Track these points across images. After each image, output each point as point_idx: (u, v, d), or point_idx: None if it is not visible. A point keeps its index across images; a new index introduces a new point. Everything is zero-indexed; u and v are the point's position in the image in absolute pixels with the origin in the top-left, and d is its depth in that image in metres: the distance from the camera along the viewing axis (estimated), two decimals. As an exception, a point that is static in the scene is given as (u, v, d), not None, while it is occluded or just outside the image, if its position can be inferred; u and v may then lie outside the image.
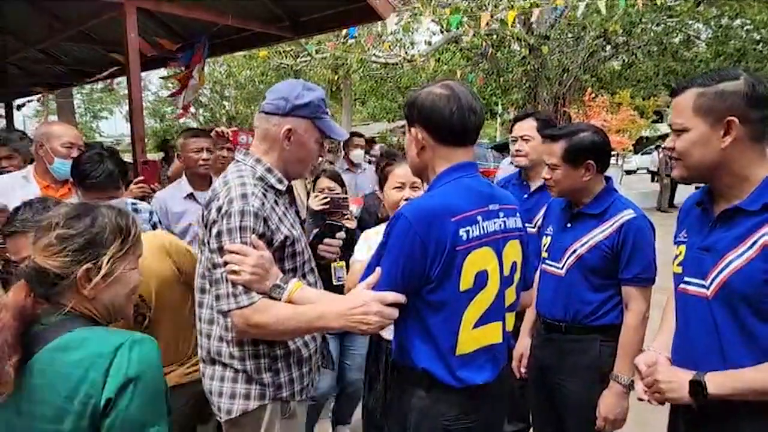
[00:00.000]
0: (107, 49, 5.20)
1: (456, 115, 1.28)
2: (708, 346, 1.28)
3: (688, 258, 1.36)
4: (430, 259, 1.23)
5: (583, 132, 1.84)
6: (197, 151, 2.66)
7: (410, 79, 15.24)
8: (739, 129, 1.21)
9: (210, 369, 1.51)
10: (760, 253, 1.18)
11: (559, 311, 1.88)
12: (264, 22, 4.43)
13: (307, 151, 1.52)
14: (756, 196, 1.22)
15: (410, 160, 1.41)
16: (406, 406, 1.35)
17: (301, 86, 1.51)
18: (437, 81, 1.36)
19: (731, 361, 1.23)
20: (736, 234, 1.23)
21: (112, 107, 30.40)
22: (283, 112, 1.47)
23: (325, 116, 1.52)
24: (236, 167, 1.51)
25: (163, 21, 4.62)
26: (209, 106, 24.62)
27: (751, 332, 1.21)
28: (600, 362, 1.82)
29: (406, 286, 1.25)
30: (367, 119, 24.05)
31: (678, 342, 1.40)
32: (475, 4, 10.01)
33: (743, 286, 1.20)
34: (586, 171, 1.82)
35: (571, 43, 11.74)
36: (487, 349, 1.34)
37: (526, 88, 11.75)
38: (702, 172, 1.28)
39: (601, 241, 1.80)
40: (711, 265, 1.26)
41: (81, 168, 2.11)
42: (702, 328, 1.29)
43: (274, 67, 15.22)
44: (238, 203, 1.38)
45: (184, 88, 4.89)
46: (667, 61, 12.11)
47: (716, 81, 1.23)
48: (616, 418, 1.76)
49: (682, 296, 1.37)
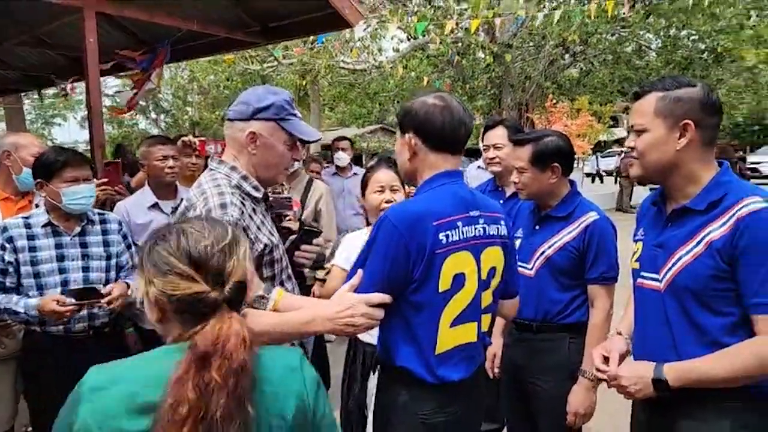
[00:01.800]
0: (62, 53, 5.02)
1: (447, 126, 1.35)
2: (662, 338, 1.36)
3: (644, 254, 1.44)
4: (413, 261, 1.27)
5: (548, 137, 1.92)
6: (162, 159, 2.57)
7: (378, 85, 15.34)
8: (694, 132, 1.29)
9: None
10: (706, 250, 1.26)
11: (529, 311, 1.94)
12: (231, 27, 4.38)
13: (276, 154, 1.49)
14: (702, 196, 1.31)
15: (401, 165, 1.46)
16: (388, 404, 1.39)
17: (263, 90, 1.51)
18: (430, 92, 1.42)
19: (682, 351, 1.31)
20: (685, 232, 1.32)
21: (66, 113, 29.16)
22: (246, 116, 1.46)
23: (291, 118, 1.49)
24: (211, 176, 1.48)
25: (124, 26, 4.50)
26: (171, 112, 24.00)
27: (698, 323, 1.29)
28: (569, 360, 1.89)
29: (391, 288, 1.28)
30: (336, 125, 24.02)
31: (636, 333, 1.48)
32: (441, 13, 10.20)
33: (690, 281, 1.28)
34: (552, 173, 1.90)
35: (533, 51, 12.12)
36: (463, 347, 1.38)
37: (491, 95, 12.04)
38: (657, 171, 1.36)
39: (568, 242, 1.87)
40: (663, 261, 1.35)
41: (45, 158, 2.05)
42: (656, 320, 1.38)
43: (240, 73, 15.02)
44: (217, 212, 1.36)
45: (138, 90, 4.74)
46: (622, 69, 12.67)
47: (676, 87, 1.31)
48: (585, 412, 1.83)
49: (640, 290, 1.45)
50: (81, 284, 2.07)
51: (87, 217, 2.15)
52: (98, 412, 0.85)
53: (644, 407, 1.46)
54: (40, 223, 2.06)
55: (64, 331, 2.06)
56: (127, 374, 0.89)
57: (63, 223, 2.09)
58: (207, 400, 0.84)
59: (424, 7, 10.98)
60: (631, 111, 1.41)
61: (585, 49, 12.03)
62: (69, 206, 2.05)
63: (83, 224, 2.13)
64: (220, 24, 4.28)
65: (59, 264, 2.05)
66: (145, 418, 0.84)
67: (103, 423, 0.84)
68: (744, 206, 1.24)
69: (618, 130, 23.86)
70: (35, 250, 2.03)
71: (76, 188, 2.05)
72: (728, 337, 1.26)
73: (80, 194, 2.06)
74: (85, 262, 2.10)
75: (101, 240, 2.17)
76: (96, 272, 2.12)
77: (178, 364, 0.86)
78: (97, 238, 2.16)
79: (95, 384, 0.87)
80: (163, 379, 0.86)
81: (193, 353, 0.87)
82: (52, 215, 2.08)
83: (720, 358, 1.24)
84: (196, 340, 0.88)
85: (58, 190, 2.02)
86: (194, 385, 0.84)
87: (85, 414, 0.85)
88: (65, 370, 2.01)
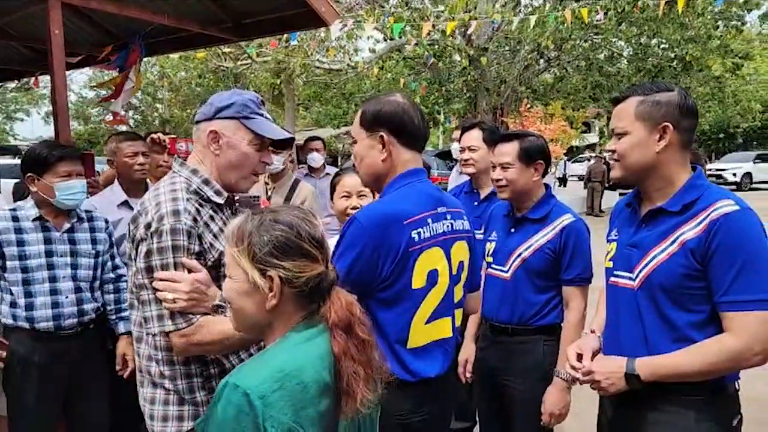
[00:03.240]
0: (27, 46, 4.82)
1: (419, 123, 1.42)
2: (634, 333, 1.41)
3: (618, 254, 1.49)
4: (382, 261, 1.29)
5: (532, 135, 1.97)
6: (132, 155, 2.51)
7: (354, 86, 15.30)
8: (673, 135, 1.35)
9: (141, 390, 1.43)
10: (679, 249, 1.32)
11: (505, 314, 1.95)
12: (204, 23, 4.28)
13: (240, 154, 1.42)
14: (677, 198, 1.36)
15: (369, 166, 1.42)
16: None
17: (230, 92, 1.49)
18: (389, 93, 1.46)
19: (652, 346, 1.36)
20: (659, 232, 1.37)
21: (28, 108, 28.09)
22: (209, 116, 1.43)
23: (255, 116, 1.43)
24: (170, 179, 1.43)
25: (91, 18, 4.35)
26: (140, 109, 23.41)
27: (669, 320, 1.34)
28: (544, 361, 1.90)
29: (356, 287, 1.26)
30: (311, 125, 23.84)
31: (608, 330, 1.53)
32: (418, 15, 10.23)
33: (664, 279, 1.33)
34: (535, 171, 1.92)
35: (508, 55, 12.28)
36: (439, 342, 1.40)
37: (467, 98, 12.15)
38: (637, 173, 1.41)
39: (544, 244, 1.88)
40: (637, 260, 1.39)
41: (38, 153, 2.01)
42: (629, 316, 1.43)
43: (213, 70, 14.75)
44: (169, 220, 1.30)
45: (120, 93, 4.59)
46: (594, 76, 12.95)
47: (654, 91, 1.37)
48: (560, 412, 1.84)
49: (613, 288, 1.50)
50: (70, 280, 2.06)
51: (76, 215, 2.14)
52: (286, 412, 0.85)
53: (611, 403, 1.49)
54: (29, 218, 2.04)
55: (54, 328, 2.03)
56: (285, 367, 0.89)
57: (53, 219, 2.07)
58: (369, 356, 0.95)
59: (401, 8, 11.00)
60: (612, 114, 1.46)
61: (559, 55, 12.27)
62: (63, 201, 2.03)
63: (73, 221, 2.12)
64: (192, 19, 4.19)
65: (48, 260, 2.03)
66: (325, 398, 0.90)
67: (295, 418, 0.86)
68: (717, 209, 1.29)
69: (590, 135, 24.43)
70: (23, 245, 2.00)
71: (70, 183, 2.03)
72: (697, 333, 1.31)
73: (74, 189, 2.04)
74: (74, 259, 2.09)
75: (89, 237, 2.17)
76: (84, 269, 2.12)
77: (333, 341, 0.93)
78: (86, 235, 2.16)
79: (261, 392, 0.85)
80: (324, 358, 0.92)
81: (338, 326, 0.94)
82: (42, 210, 2.05)
83: (690, 353, 1.29)
84: (333, 316, 0.95)
85: (51, 185, 2.00)
86: (357, 349, 0.93)
87: (274, 422, 0.84)
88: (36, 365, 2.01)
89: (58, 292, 2.03)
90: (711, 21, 11.56)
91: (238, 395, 0.84)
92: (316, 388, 0.89)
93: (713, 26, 11.61)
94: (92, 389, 2.17)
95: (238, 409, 0.84)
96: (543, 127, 13.17)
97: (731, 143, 28.11)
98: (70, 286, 2.06)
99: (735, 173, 18.17)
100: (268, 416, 0.83)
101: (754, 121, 21.73)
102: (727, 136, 27.58)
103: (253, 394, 0.84)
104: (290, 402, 0.86)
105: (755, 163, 18.69)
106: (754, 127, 24.39)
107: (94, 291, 2.16)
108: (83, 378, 2.13)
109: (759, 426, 2.55)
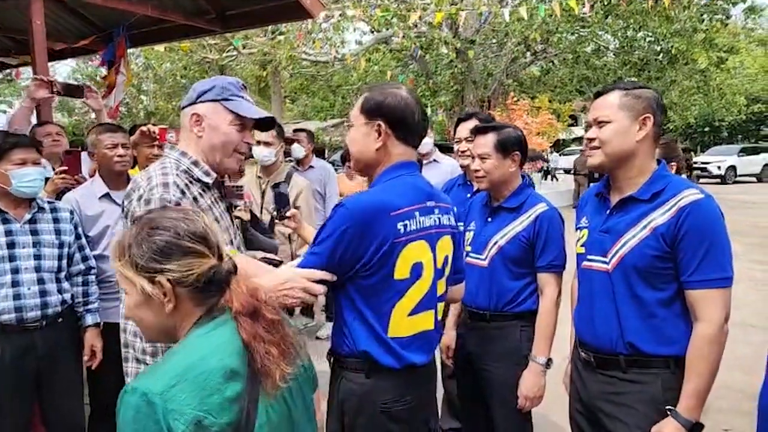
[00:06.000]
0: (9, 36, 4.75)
1: (418, 120, 1.45)
2: (607, 312, 1.54)
3: (590, 239, 1.61)
4: (364, 248, 1.31)
5: (509, 127, 2.03)
6: (112, 147, 2.46)
7: (341, 78, 15.23)
8: (651, 126, 1.48)
9: (125, 365, 1.49)
10: (650, 234, 1.45)
11: (483, 300, 2.00)
12: (188, 14, 4.26)
13: (221, 135, 1.48)
14: (647, 187, 1.50)
15: (361, 152, 1.46)
16: (344, 393, 1.40)
17: (213, 78, 1.56)
18: (394, 85, 1.49)
19: (624, 322, 1.50)
20: (630, 218, 1.50)
21: (11, 100, 27.54)
22: (192, 101, 1.50)
23: (235, 98, 1.49)
24: (160, 161, 1.51)
25: (73, 8, 4.30)
26: (125, 101, 23.09)
27: (641, 298, 1.48)
28: (520, 346, 1.95)
29: (338, 269, 1.33)
30: (298, 117, 23.72)
31: (582, 311, 1.65)
32: (405, 7, 10.21)
33: (637, 261, 1.47)
34: (512, 162, 1.97)
35: (495, 48, 12.31)
36: (422, 335, 1.43)
37: (454, 91, 12.18)
38: (616, 160, 1.51)
39: (519, 232, 1.93)
40: (611, 244, 1.52)
41: None
42: (603, 297, 1.55)
43: (198, 62, 14.60)
44: (158, 190, 1.38)
45: (113, 89, 4.55)
46: (581, 69, 13.04)
47: (635, 87, 1.53)
48: (535, 396, 1.90)
49: (586, 272, 1.61)
50: (33, 272, 2.02)
51: (37, 205, 2.10)
52: (189, 403, 0.85)
53: (581, 373, 1.62)
54: None
55: (17, 321, 1.99)
56: (185, 361, 0.90)
57: (12, 210, 2.03)
58: (282, 333, 0.96)
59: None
60: (593, 106, 1.56)
61: (546, 48, 12.33)
62: (19, 189, 1.99)
63: (33, 211, 2.08)
64: (176, 10, 4.17)
65: (9, 251, 2.00)
66: (233, 382, 0.89)
67: (201, 407, 0.86)
68: (685, 197, 1.43)
69: (576, 129, 24.58)
70: None
71: (26, 170, 1.99)
72: (662, 309, 1.46)
73: (30, 176, 2.00)
74: (37, 250, 2.05)
75: (53, 228, 2.12)
76: (48, 260, 2.08)
77: (240, 328, 0.93)
78: (49, 225, 2.12)
79: (159, 389, 0.85)
80: (228, 345, 0.92)
81: (242, 313, 0.94)
82: (1, 202, 2.01)
83: (693, 366, 1.42)
84: (236, 304, 0.95)
85: (6, 173, 1.97)
86: (266, 331, 0.94)
87: (176, 415, 0.84)
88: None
89: (20, 284, 1.99)
90: (697, 14, 11.68)
91: (135, 397, 0.85)
92: (221, 374, 0.89)
93: (699, 20, 11.74)
94: (65, 385, 2.11)
95: (135, 410, 0.85)
96: (530, 119, 13.25)
97: (716, 136, 28.46)
98: (32, 278, 2.02)
99: (719, 166, 18.27)
100: (169, 411, 0.84)
101: (738, 114, 21.96)
102: (712, 130, 27.93)
103: (151, 393, 0.85)
104: (193, 393, 0.86)
105: (740, 156, 18.82)
106: (738, 120, 24.69)
107: (60, 282, 2.11)
108: (54, 373, 2.08)
109: (739, 416, 2.53)
